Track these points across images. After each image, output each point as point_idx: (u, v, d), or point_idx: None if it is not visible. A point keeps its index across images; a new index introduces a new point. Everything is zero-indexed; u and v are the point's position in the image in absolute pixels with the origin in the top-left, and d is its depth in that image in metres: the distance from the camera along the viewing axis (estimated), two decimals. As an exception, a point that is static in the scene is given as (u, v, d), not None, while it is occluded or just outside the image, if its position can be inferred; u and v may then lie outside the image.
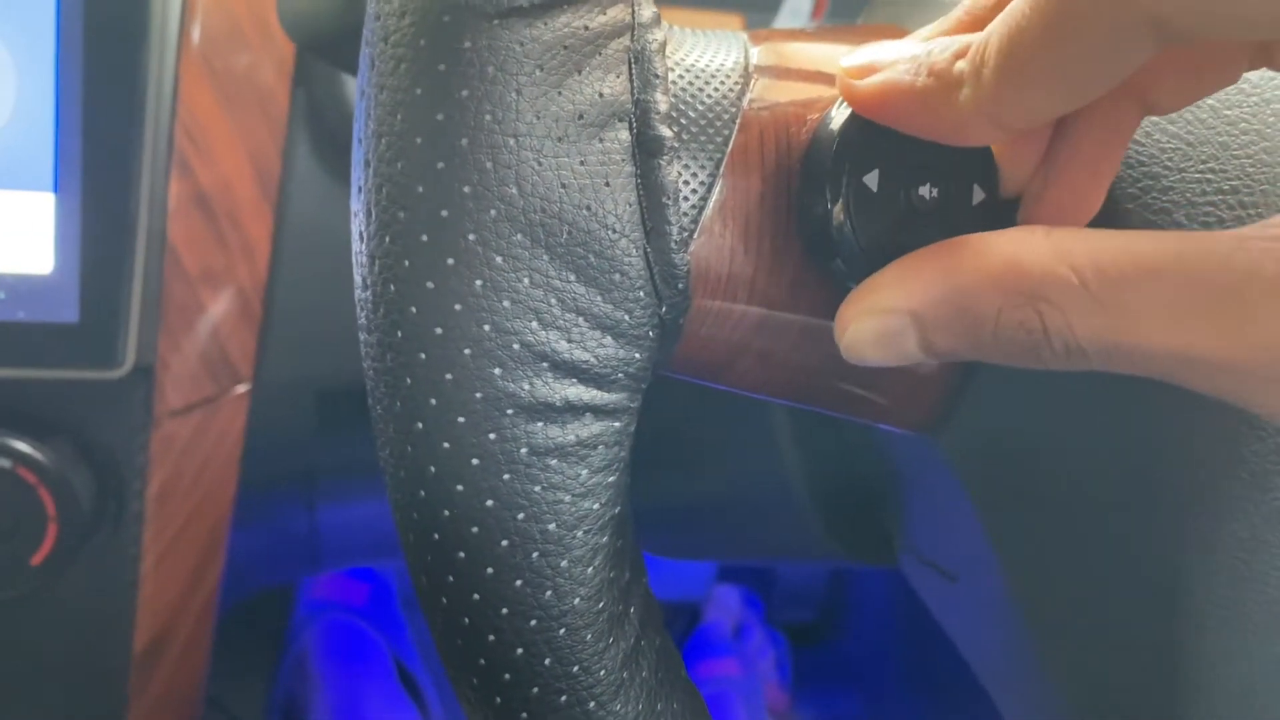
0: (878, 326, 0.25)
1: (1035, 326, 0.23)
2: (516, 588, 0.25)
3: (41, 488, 0.46)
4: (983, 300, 0.23)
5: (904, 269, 0.25)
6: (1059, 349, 0.23)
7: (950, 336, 0.24)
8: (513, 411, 0.24)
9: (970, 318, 0.24)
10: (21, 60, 0.44)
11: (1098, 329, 0.22)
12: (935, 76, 0.23)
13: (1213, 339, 0.21)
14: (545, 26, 0.23)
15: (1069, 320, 0.22)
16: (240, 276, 0.50)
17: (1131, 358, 0.22)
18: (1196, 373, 0.22)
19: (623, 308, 0.25)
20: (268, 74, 0.49)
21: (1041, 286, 0.23)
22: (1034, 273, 0.23)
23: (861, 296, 0.25)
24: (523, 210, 0.23)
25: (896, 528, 0.43)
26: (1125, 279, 0.22)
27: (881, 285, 0.25)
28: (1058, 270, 0.23)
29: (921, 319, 0.24)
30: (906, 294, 0.25)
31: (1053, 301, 0.23)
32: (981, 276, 0.23)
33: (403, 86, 0.23)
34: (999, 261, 0.23)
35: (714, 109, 0.26)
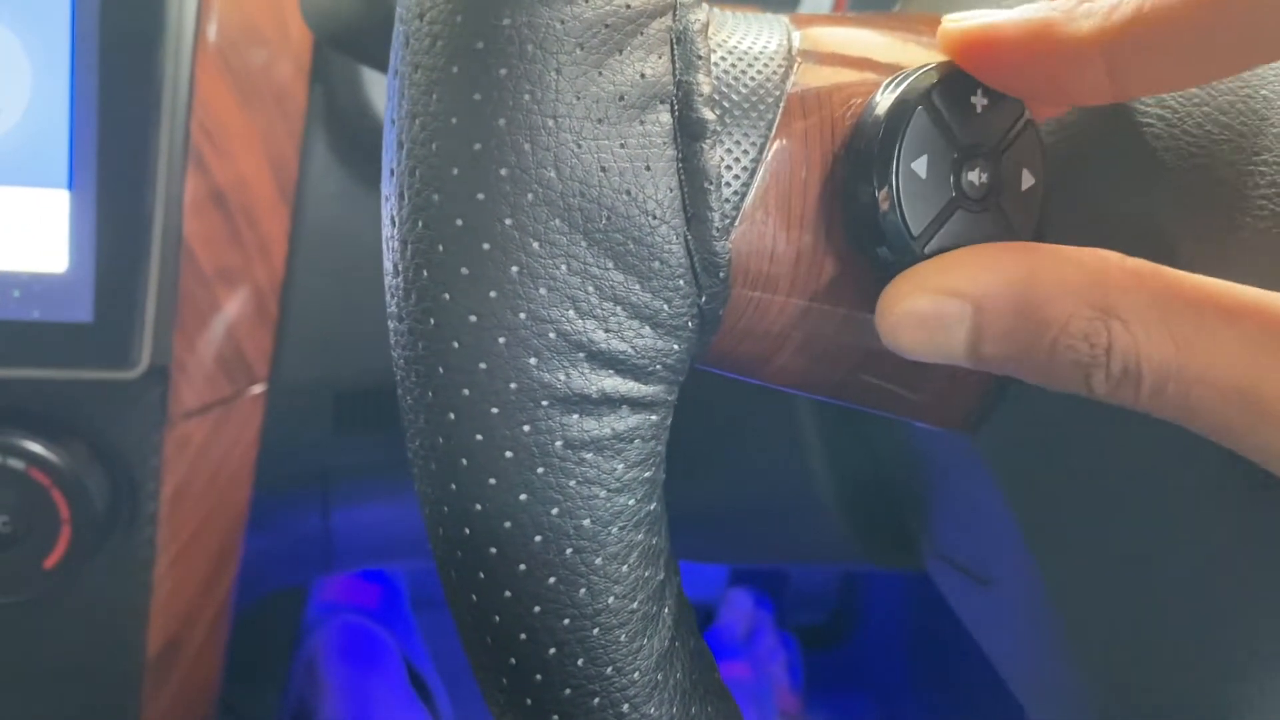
0: (931, 308, 0.24)
1: (1100, 342, 0.22)
2: (549, 585, 0.24)
3: (55, 490, 0.46)
4: (1055, 304, 0.23)
5: (975, 254, 0.24)
6: (1116, 371, 0.22)
7: (1004, 338, 0.24)
8: (548, 403, 0.23)
9: (1035, 320, 0.23)
10: (36, 56, 0.43)
11: (1166, 357, 0.22)
12: (1058, 9, 0.23)
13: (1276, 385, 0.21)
14: (586, 4, 0.23)
15: (1138, 343, 0.22)
16: (257, 275, 0.49)
17: (1190, 395, 0.22)
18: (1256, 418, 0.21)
19: (661, 296, 0.24)
20: (285, 71, 0.49)
21: (1120, 303, 0.22)
22: (1113, 287, 0.22)
23: (920, 273, 0.24)
24: (561, 194, 0.23)
25: (923, 531, 0.42)
26: (1203, 315, 0.22)
27: (947, 266, 0.24)
28: (1138, 290, 0.22)
29: (982, 310, 0.23)
30: (973, 278, 0.24)
31: (1127, 321, 0.22)
32: (1060, 281, 0.23)
33: (438, 65, 0.22)
34: (1080, 269, 0.23)
35: (757, 92, 0.26)
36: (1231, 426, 0.22)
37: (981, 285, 0.24)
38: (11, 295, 0.44)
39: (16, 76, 0.43)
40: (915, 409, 0.30)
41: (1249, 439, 0.22)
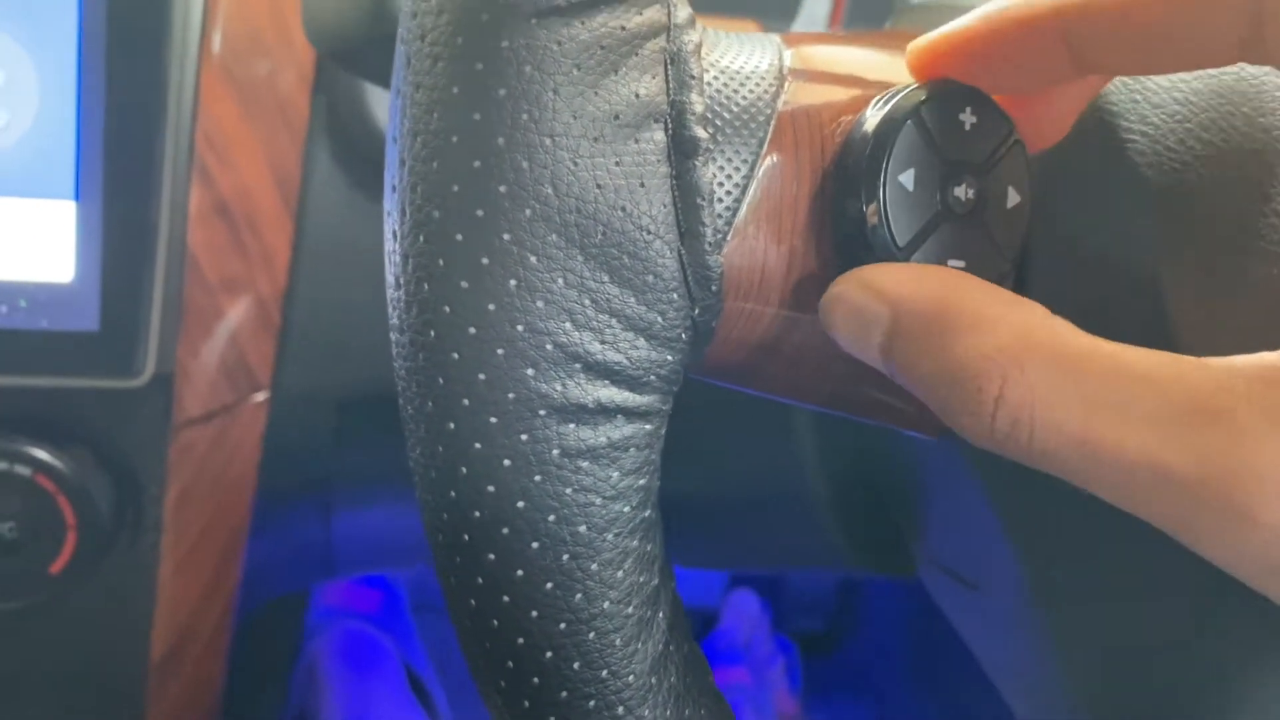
0: (857, 299, 0.24)
1: (991, 388, 0.21)
2: (547, 590, 0.25)
3: (60, 496, 0.46)
4: (959, 334, 0.22)
5: (909, 266, 0.25)
6: (1003, 420, 0.21)
7: (910, 353, 0.23)
8: (545, 412, 0.24)
9: (937, 343, 0.23)
10: (44, 68, 0.44)
11: (1067, 417, 0.21)
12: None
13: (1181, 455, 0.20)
14: (583, 26, 0.23)
15: (1034, 397, 0.21)
16: (260, 284, 0.50)
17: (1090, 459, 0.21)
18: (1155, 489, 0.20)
19: (656, 309, 0.25)
20: (289, 82, 0.49)
21: (1023, 353, 0.21)
22: (1021, 338, 0.22)
23: (861, 270, 0.25)
24: (558, 210, 0.23)
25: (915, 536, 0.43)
26: (1110, 379, 0.21)
27: (884, 269, 0.25)
28: (1047, 345, 0.21)
29: (897, 317, 0.24)
30: (897, 283, 0.24)
31: (1026, 371, 0.21)
32: (970, 313, 0.23)
33: (439, 85, 0.23)
34: (995, 311, 0.22)
35: (749, 110, 0.26)
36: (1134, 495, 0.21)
37: (904, 294, 0.24)
38: (18, 305, 0.45)
39: (24, 89, 0.44)
40: (905, 418, 0.31)
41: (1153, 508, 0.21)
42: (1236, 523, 0.20)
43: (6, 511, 0.46)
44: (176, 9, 0.45)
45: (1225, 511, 0.20)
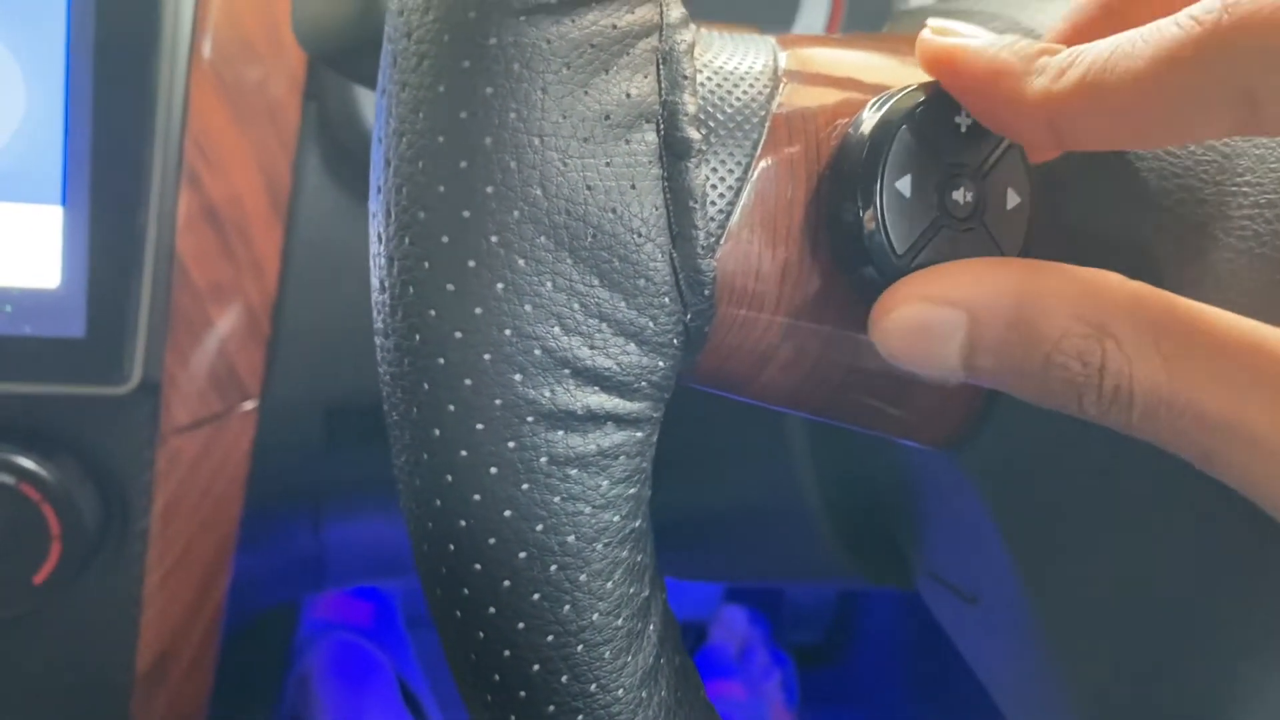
0: (926, 316, 0.24)
1: (1094, 360, 0.22)
2: (534, 601, 0.24)
3: (45, 505, 0.46)
4: (1051, 317, 0.23)
5: (973, 264, 0.25)
6: (1108, 391, 0.22)
7: (998, 350, 0.24)
8: (533, 419, 0.23)
9: (1029, 334, 0.23)
10: (31, 72, 0.44)
11: (1158, 380, 0.22)
12: (1017, 56, 0.23)
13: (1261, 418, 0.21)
14: (573, 24, 0.23)
15: (1132, 363, 0.22)
16: (249, 291, 0.49)
17: (1180, 419, 0.22)
18: (1241, 450, 0.21)
19: (647, 314, 0.24)
20: (279, 87, 0.49)
21: (1115, 322, 0.22)
22: (1111, 307, 0.22)
23: (915, 281, 0.25)
24: (547, 212, 0.23)
25: (913, 548, 0.42)
26: (1197, 341, 0.22)
27: (943, 274, 0.24)
28: (1135, 312, 0.22)
29: (977, 320, 0.24)
30: (969, 288, 0.24)
31: (1122, 341, 0.22)
32: (1057, 295, 0.23)
33: (425, 84, 0.23)
34: (1078, 286, 0.23)
35: (742, 112, 0.26)
36: (1217, 457, 0.22)
37: (978, 295, 0.24)
38: (3, 310, 0.44)
39: (11, 93, 0.44)
40: (901, 427, 0.31)
41: (1233, 471, 0.22)
42: None
43: (-11, 520, 0.46)
44: (166, 14, 0.45)
45: None
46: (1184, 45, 0.20)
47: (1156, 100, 0.21)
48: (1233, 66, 0.20)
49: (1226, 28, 0.20)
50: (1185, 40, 0.20)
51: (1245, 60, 0.20)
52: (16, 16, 0.43)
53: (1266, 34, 0.19)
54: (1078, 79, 0.22)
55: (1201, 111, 0.21)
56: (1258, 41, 0.20)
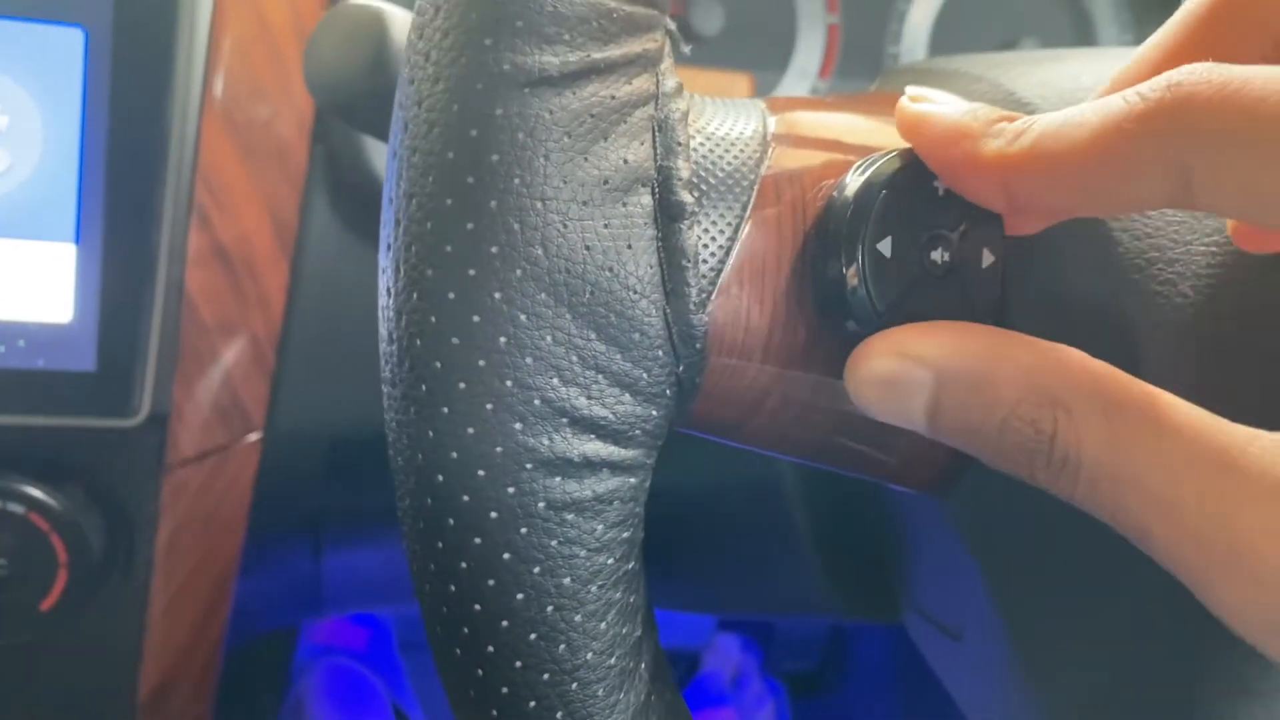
0: (895, 370, 0.25)
1: (1045, 430, 0.23)
2: (531, 641, 0.25)
3: (53, 534, 0.47)
4: (1010, 384, 0.24)
5: (944, 326, 0.26)
6: (1057, 460, 0.23)
7: (959, 411, 0.25)
8: (531, 466, 0.25)
9: (989, 398, 0.24)
10: (48, 113, 0.45)
11: (1104, 455, 0.22)
12: (976, 119, 0.25)
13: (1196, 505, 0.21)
14: (574, 95, 0.24)
15: (1080, 435, 0.23)
16: (255, 327, 0.50)
17: (1120, 496, 0.22)
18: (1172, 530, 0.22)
19: (641, 366, 0.25)
20: (288, 128, 0.50)
21: (1069, 395, 0.23)
22: (1066, 380, 0.23)
23: (889, 337, 0.26)
24: (547, 270, 0.24)
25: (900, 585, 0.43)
26: (1143, 421, 0.22)
27: (916, 333, 0.26)
28: (1090, 387, 0.23)
29: (942, 380, 0.25)
30: (937, 347, 0.25)
31: (1074, 413, 0.23)
32: (1015, 364, 0.24)
33: (435, 150, 0.24)
34: (1039, 358, 0.24)
35: (733, 175, 0.27)
36: (1151, 536, 0.22)
37: (944, 356, 0.25)
38: (16, 344, 0.45)
39: (28, 133, 0.45)
40: (887, 472, 0.32)
41: (1163, 551, 0.22)
42: (1237, 577, 0.21)
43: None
44: (180, 54, 0.46)
45: (1227, 565, 0.21)
46: (1127, 118, 0.21)
47: (1098, 168, 0.22)
48: (1170, 141, 0.21)
49: (1168, 105, 0.21)
50: (1129, 113, 0.21)
51: (1182, 136, 0.21)
52: (35, 58, 0.45)
53: (1203, 113, 0.20)
54: (1029, 144, 0.23)
55: (1138, 182, 0.22)
56: (1195, 120, 0.21)
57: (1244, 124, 0.20)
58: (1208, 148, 0.21)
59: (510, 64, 0.24)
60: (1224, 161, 0.21)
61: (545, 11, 0.24)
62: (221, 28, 0.48)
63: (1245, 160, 0.20)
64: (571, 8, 0.24)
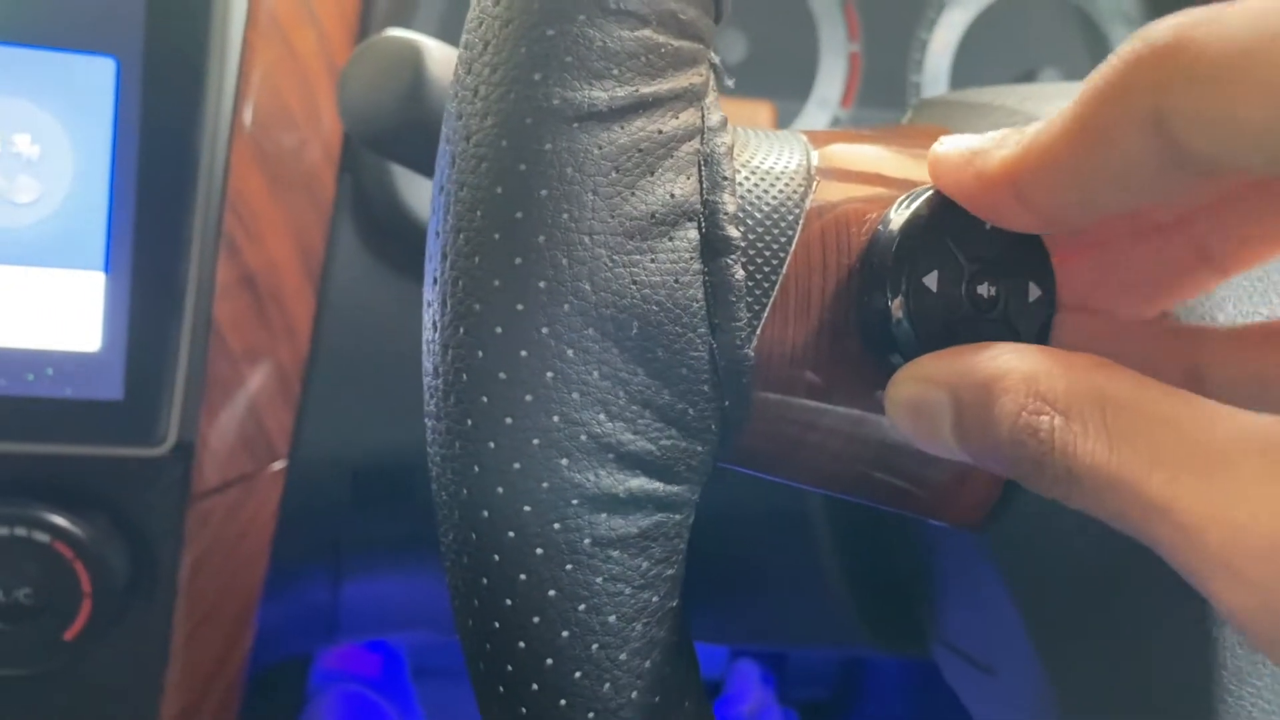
0: (918, 394, 0.25)
1: (1045, 438, 0.23)
2: (575, 679, 0.25)
3: (77, 562, 0.47)
4: (1013, 395, 0.23)
5: (955, 349, 0.26)
6: (1059, 469, 0.22)
7: (977, 429, 0.24)
8: (578, 502, 0.24)
9: (994, 412, 0.24)
10: (79, 142, 0.45)
11: (1101, 458, 0.22)
12: (988, 139, 0.25)
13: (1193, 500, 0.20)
14: (622, 130, 0.24)
15: (1077, 440, 0.22)
16: (281, 356, 0.50)
17: (1120, 499, 0.21)
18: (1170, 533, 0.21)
19: (687, 400, 0.25)
20: (315, 156, 0.50)
21: (1068, 399, 0.23)
22: (1068, 384, 0.23)
23: (915, 364, 0.26)
24: (595, 305, 0.24)
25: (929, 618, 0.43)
26: (1139, 420, 0.22)
27: (936, 357, 0.26)
28: (1092, 389, 0.23)
29: (958, 400, 0.24)
30: (948, 368, 0.25)
31: (1071, 417, 0.22)
32: (1023, 373, 0.24)
33: (483, 185, 0.24)
34: (1044, 365, 0.24)
35: (778, 210, 0.27)
36: (1159, 542, 0.21)
37: (958, 376, 0.25)
38: (45, 373, 0.45)
39: (59, 163, 0.45)
40: (927, 506, 0.31)
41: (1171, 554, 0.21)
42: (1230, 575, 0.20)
43: (24, 577, 0.46)
44: (211, 84, 0.46)
45: (1220, 562, 0.20)
46: (1103, 78, 0.22)
47: (1081, 139, 0.22)
48: (1140, 92, 0.21)
49: (1138, 56, 0.21)
50: (1104, 73, 0.22)
51: (1149, 86, 0.21)
52: (67, 88, 0.45)
53: (1170, 56, 0.20)
54: (1029, 140, 0.23)
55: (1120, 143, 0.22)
56: (1159, 66, 0.20)
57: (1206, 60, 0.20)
58: (1176, 89, 0.20)
59: (560, 99, 0.24)
60: (1191, 98, 0.20)
61: (594, 47, 0.24)
62: (251, 57, 0.48)
63: (1211, 93, 0.20)
64: (620, 43, 0.24)
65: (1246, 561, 0.20)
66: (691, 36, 0.25)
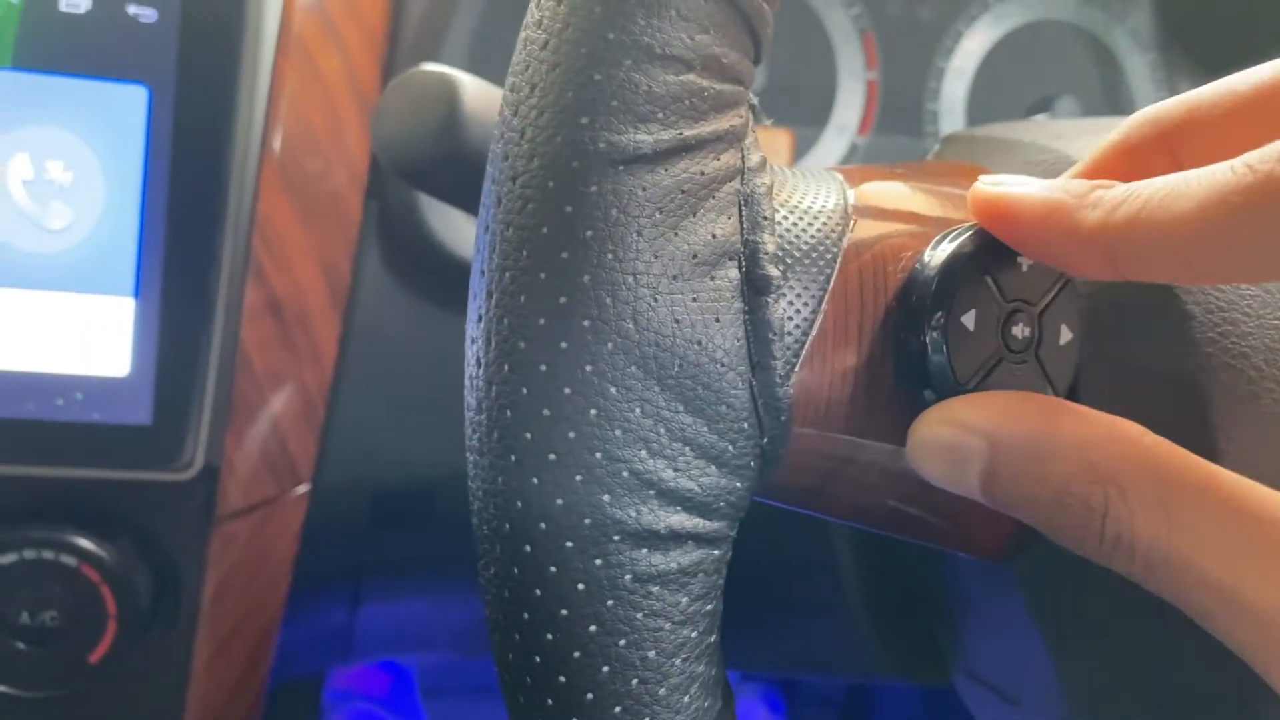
0: (951, 438, 0.26)
1: (1097, 507, 0.23)
2: (615, 715, 0.25)
3: (103, 586, 0.47)
4: (1063, 458, 0.24)
5: (1002, 397, 0.26)
6: (1109, 538, 0.23)
7: (1013, 481, 0.25)
8: (619, 538, 0.25)
9: (1040, 470, 0.24)
10: (110, 169, 0.46)
11: (1159, 535, 0.22)
12: (1069, 193, 0.24)
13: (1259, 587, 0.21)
14: (666, 172, 0.25)
15: (1133, 514, 0.23)
16: (306, 380, 0.51)
17: (1178, 577, 0.22)
18: (1234, 615, 0.22)
19: (727, 438, 0.26)
20: (342, 183, 0.51)
21: (1122, 472, 0.23)
22: (1120, 456, 0.23)
23: (948, 406, 0.26)
24: (638, 344, 0.24)
25: (951, 645, 0.43)
26: (1202, 502, 0.22)
27: (973, 403, 0.26)
28: (1144, 464, 0.23)
29: (996, 450, 0.25)
30: (993, 418, 0.25)
31: (1126, 491, 0.23)
32: (1069, 439, 0.24)
33: (529, 225, 0.24)
34: (1095, 431, 0.24)
35: (817, 249, 0.28)
36: (1213, 618, 0.22)
37: (1000, 427, 0.25)
38: (74, 398, 0.46)
39: (91, 189, 0.46)
40: (955, 539, 0.32)
41: (1228, 634, 0.22)
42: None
43: (50, 600, 0.47)
44: (241, 111, 0.47)
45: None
46: (1235, 190, 0.21)
47: (1206, 241, 0.22)
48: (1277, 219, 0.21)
49: (1276, 181, 0.21)
50: (1237, 186, 0.21)
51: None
52: (100, 116, 0.45)
53: None
54: (1133, 213, 0.23)
55: (1249, 256, 0.22)
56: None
57: None
58: None
59: (606, 142, 0.24)
60: None
61: (640, 91, 0.24)
62: (280, 84, 0.49)
63: None
64: (665, 87, 0.24)
65: None
66: (733, 79, 0.26)
